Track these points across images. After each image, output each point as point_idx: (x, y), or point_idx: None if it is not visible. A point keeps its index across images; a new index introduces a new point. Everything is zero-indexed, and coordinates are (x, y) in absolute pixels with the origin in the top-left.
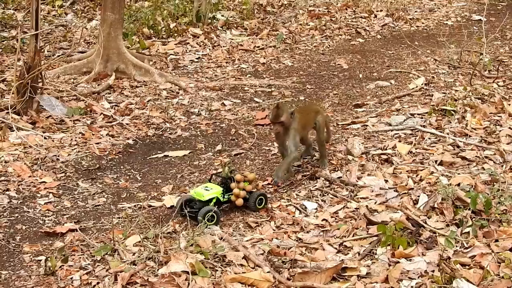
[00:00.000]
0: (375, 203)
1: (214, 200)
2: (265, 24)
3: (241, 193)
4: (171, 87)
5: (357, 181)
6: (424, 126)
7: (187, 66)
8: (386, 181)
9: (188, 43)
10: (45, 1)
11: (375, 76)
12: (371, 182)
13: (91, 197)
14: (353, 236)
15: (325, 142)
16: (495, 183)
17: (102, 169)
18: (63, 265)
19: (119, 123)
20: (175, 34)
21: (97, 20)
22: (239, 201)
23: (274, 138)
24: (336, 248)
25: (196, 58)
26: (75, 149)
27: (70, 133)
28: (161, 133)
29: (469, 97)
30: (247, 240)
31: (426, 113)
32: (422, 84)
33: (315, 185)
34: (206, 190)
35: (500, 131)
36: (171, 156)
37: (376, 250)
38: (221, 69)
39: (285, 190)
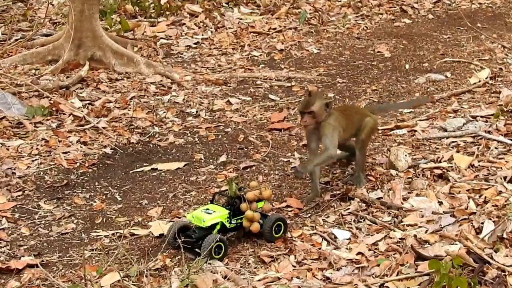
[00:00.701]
0: (426, 231)
1: (218, 227)
2: None
3: (255, 216)
4: (161, 81)
5: (402, 203)
6: (489, 132)
7: (182, 54)
8: (441, 203)
9: (184, 24)
10: None
11: (426, 67)
12: (420, 204)
13: (56, 223)
14: (397, 275)
15: (364, 157)
16: None
17: (71, 186)
18: None
19: (93, 127)
20: (167, 13)
21: None
22: (255, 226)
23: (305, 138)
24: None
25: (194, 44)
26: (36, 160)
27: (30, 140)
28: (148, 139)
29: None
30: (258, 280)
31: (492, 115)
32: (486, 78)
33: (348, 208)
34: (208, 213)
35: None
36: (160, 170)
37: None
38: (226, 57)
39: (309, 214)
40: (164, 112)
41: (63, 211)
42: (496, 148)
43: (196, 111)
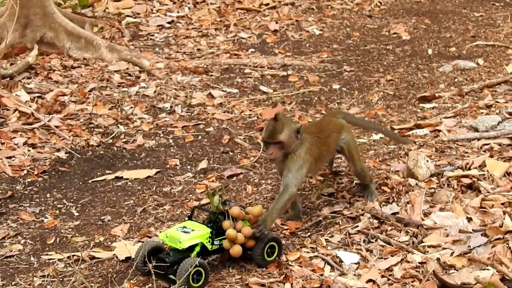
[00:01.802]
0: (452, 254)
1: (197, 249)
2: None
3: (238, 237)
4: (127, 69)
5: (423, 220)
6: None
7: (153, 36)
8: (470, 219)
9: None
10: None
11: (453, 53)
12: (445, 221)
13: None
14: None
15: (365, 169)
16: None
17: (17, 199)
18: None
19: (44, 126)
20: None
21: None
22: (236, 250)
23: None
24: None
25: (168, 23)
26: None
27: None
28: (111, 141)
29: None
30: None
31: None
32: None
33: (357, 226)
34: (185, 232)
35: None
36: (127, 179)
37: None
38: (207, 40)
39: (309, 233)
40: (131, 107)
41: (7, 229)
42: None
43: (171, 106)
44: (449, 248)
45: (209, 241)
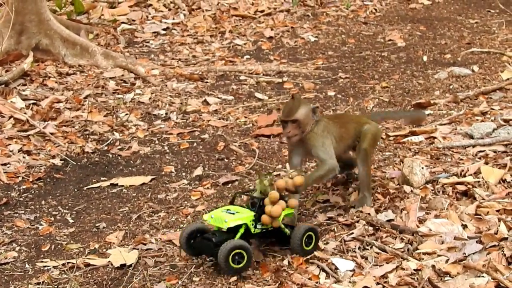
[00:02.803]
0: (447, 261)
1: (241, 230)
2: None
3: (274, 210)
4: (122, 75)
5: (418, 227)
6: None
7: (148, 42)
8: (465, 226)
9: (151, 5)
10: None
11: (448, 60)
12: (440, 227)
13: None
14: None
15: (369, 166)
16: None
17: (12, 206)
18: None
19: (39, 133)
20: None
21: None
22: (276, 223)
23: (287, 154)
24: None
25: (163, 30)
26: None
27: None
28: (106, 148)
29: None
30: None
31: None
32: None
33: (352, 233)
34: (230, 213)
35: None
36: (122, 186)
37: None
38: (202, 46)
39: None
40: (126, 114)
41: (2, 236)
42: None
43: (166, 113)
44: (444, 255)
45: (253, 224)
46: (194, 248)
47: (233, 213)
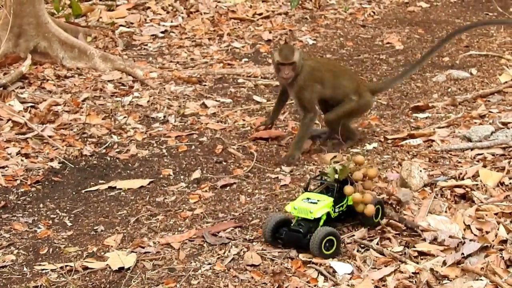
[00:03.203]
0: (444, 264)
1: (324, 217)
2: None
3: (365, 198)
4: (120, 78)
5: (421, 226)
6: None
7: (146, 45)
8: (468, 227)
9: (149, 7)
10: None
11: (446, 63)
12: (439, 224)
13: None
14: None
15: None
16: None
17: (10, 209)
18: None
19: (37, 136)
20: None
21: None
22: (370, 209)
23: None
24: None
25: (161, 32)
26: None
27: None
28: (104, 151)
29: None
30: None
31: None
32: None
33: (353, 235)
34: (312, 203)
35: None
36: (120, 189)
37: None
38: (200, 49)
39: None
40: (125, 117)
41: (0, 239)
42: None
43: (164, 116)
44: (442, 256)
45: (333, 209)
46: (279, 240)
47: (315, 202)
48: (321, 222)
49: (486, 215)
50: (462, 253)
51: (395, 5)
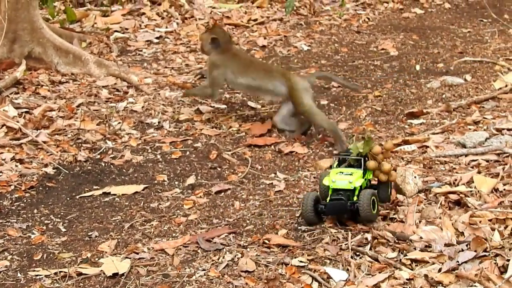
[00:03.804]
0: (439, 270)
1: (358, 187)
2: None
3: (384, 167)
4: (115, 84)
5: (414, 232)
6: None
7: (141, 51)
8: (457, 235)
9: (144, 13)
10: None
11: (441, 69)
12: (430, 235)
13: None
14: None
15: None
16: None
17: (4, 215)
18: None
19: (32, 141)
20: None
21: None
22: (394, 176)
23: None
24: None
25: (156, 38)
26: None
27: None
28: (99, 157)
29: None
30: None
31: None
32: None
33: (352, 241)
34: (348, 175)
35: None
36: (114, 194)
37: None
38: (195, 55)
39: (308, 242)
40: (119, 123)
41: None
42: None
43: (159, 122)
44: (437, 263)
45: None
46: (320, 212)
47: (350, 174)
48: (356, 192)
49: (480, 221)
50: (457, 261)
51: (390, 11)
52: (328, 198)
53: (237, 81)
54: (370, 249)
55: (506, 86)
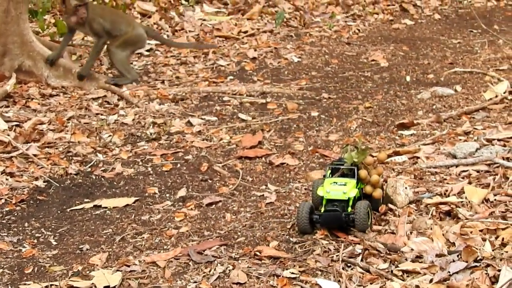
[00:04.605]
0: (431, 281)
1: (352, 198)
2: None
3: (373, 178)
4: (105, 97)
5: (405, 244)
6: (507, 159)
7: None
8: (449, 245)
9: None
10: None
11: (431, 80)
12: (421, 246)
13: None
14: None
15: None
16: None
17: None
18: None
19: (22, 154)
20: None
21: None
22: (378, 192)
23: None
24: None
25: (147, 51)
26: None
27: None
28: (89, 169)
29: None
30: None
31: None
32: (505, 92)
33: (343, 253)
34: (342, 185)
35: None
36: (105, 207)
37: None
38: (186, 67)
39: (299, 254)
40: (110, 135)
41: None
42: None
43: (150, 135)
44: (428, 274)
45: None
46: (315, 223)
47: (344, 184)
48: (351, 202)
49: (471, 232)
50: (449, 272)
51: (380, 22)
52: (323, 209)
53: (106, 25)
54: (362, 260)
55: (496, 96)
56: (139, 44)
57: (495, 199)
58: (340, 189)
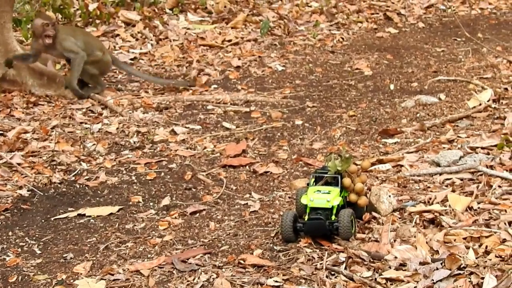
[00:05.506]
0: None
1: (335, 206)
2: (241, 4)
3: (357, 186)
4: (89, 106)
5: (388, 252)
6: (491, 167)
7: (116, 72)
8: (432, 253)
9: (118, 35)
10: None
11: (415, 88)
12: (404, 254)
13: None
14: None
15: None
16: None
17: None
18: None
19: (6, 163)
20: (97, 21)
21: None
22: (363, 200)
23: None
24: None
25: (131, 59)
26: None
27: None
28: (73, 178)
29: None
30: None
31: (495, 146)
32: (488, 101)
33: (322, 261)
34: (326, 193)
35: None
36: (89, 216)
37: None
38: (170, 75)
39: (283, 262)
40: (94, 144)
41: None
42: (499, 186)
43: (133, 143)
44: (412, 282)
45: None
46: (299, 231)
47: (328, 193)
48: (334, 210)
49: (455, 239)
50: (432, 280)
51: (364, 31)
52: (307, 217)
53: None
54: (345, 268)
55: (480, 104)
56: (104, 70)
57: (478, 207)
58: (323, 197)
